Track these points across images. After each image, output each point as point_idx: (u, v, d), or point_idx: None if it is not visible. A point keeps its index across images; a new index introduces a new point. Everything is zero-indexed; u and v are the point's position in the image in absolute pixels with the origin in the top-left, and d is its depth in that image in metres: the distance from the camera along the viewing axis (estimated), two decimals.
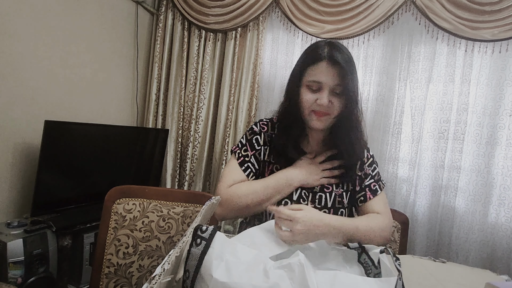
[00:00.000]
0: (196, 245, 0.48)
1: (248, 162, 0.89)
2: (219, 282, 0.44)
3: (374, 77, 1.92)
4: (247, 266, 0.47)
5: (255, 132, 0.92)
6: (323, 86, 0.78)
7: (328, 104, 0.78)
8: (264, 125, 0.93)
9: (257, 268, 0.47)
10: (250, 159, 0.89)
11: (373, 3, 1.81)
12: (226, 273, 0.45)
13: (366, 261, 0.60)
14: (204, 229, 0.50)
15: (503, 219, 1.67)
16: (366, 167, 0.91)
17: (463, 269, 0.82)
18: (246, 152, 0.90)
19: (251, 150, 0.90)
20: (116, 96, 2.06)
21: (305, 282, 0.44)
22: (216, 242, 0.49)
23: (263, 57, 2.09)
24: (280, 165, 0.89)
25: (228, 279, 0.44)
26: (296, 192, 0.86)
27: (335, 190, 0.88)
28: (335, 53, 0.78)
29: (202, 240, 0.49)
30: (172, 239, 1.01)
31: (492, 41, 1.64)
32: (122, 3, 2.01)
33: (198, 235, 0.50)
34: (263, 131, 0.92)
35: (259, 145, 0.91)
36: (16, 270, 1.23)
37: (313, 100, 0.80)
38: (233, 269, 0.45)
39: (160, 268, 0.41)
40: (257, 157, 0.90)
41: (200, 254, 0.47)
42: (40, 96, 1.55)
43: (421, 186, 1.84)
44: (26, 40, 1.46)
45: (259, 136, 0.91)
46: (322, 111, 0.80)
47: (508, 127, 1.68)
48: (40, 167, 1.39)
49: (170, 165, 2.21)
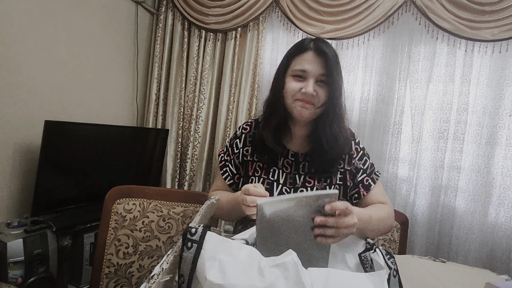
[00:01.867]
0: (187, 249, 0.48)
1: (227, 166, 0.94)
2: (214, 284, 0.43)
3: (374, 77, 1.92)
4: (242, 265, 0.46)
5: (236, 136, 0.95)
6: (309, 75, 0.80)
7: (313, 93, 0.79)
8: (247, 126, 0.95)
9: (251, 267, 0.46)
10: (229, 163, 0.94)
11: (373, 3, 1.81)
12: (220, 274, 0.45)
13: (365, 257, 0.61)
14: (194, 231, 0.49)
15: (502, 219, 1.67)
16: (356, 161, 0.90)
17: (463, 269, 0.82)
18: (227, 156, 0.95)
19: (232, 154, 0.94)
20: (116, 96, 2.06)
21: (299, 281, 0.44)
22: (208, 242, 0.48)
23: (263, 57, 2.09)
24: (262, 162, 0.89)
25: (223, 281, 0.44)
26: (277, 189, 0.87)
27: (317, 184, 0.87)
28: (321, 44, 0.80)
29: (193, 243, 0.48)
30: (172, 239, 1.01)
31: (492, 41, 1.64)
32: (122, 3, 2.01)
33: (188, 238, 0.49)
34: (244, 132, 0.94)
35: (238, 148, 0.93)
36: (16, 270, 1.23)
37: (298, 88, 0.80)
38: (228, 270, 0.45)
39: (158, 267, 0.41)
40: (235, 161, 0.94)
41: (192, 257, 0.47)
42: (40, 96, 1.55)
43: (421, 186, 1.84)
44: (26, 40, 1.46)
45: (238, 140, 0.94)
46: (306, 99, 0.80)
47: (508, 127, 1.68)
48: (40, 167, 1.39)
49: (170, 165, 2.21)
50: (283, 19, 2.01)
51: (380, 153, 1.90)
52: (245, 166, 0.93)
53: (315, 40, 0.83)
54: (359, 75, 1.95)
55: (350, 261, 0.62)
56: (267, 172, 0.88)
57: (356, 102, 1.95)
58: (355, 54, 1.94)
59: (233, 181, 0.94)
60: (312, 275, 0.46)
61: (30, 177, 1.49)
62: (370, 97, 1.93)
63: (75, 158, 1.57)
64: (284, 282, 0.44)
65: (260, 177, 0.88)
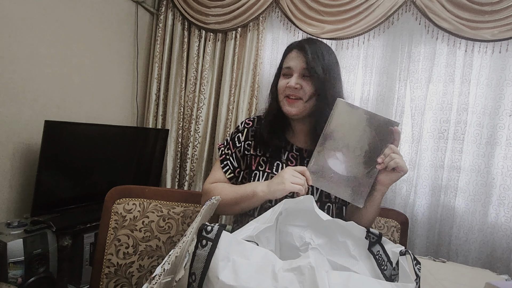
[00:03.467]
0: (202, 247, 0.46)
1: (227, 160, 0.94)
2: (226, 285, 0.42)
3: (374, 77, 1.92)
4: (255, 267, 0.45)
5: (238, 130, 0.97)
6: (293, 71, 0.85)
7: (297, 86, 0.83)
8: (249, 121, 0.97)
9: (265, 270, 0.44)
10: (230, 157, 0.94)
11: (373, 3, 1.80)
12: (233, 275, 0.43)
13: (379, 254, 0.59)
14: (209, 229, 0.48)
15: (502, 219, 1.67)
16: None
17: (463, 269, 0.82)
18: (228, 150, 0.95)
19: (233, 147, 0.95)
20: (116, 96, 2.06)
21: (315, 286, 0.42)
22: (222, 242, 0.47)
23: (263, 57, 2.09)
24: (266, 156, 0.91)
25: (236, 282, 0.42)
26: None
27: None
28: (304, 43, 0.86)
29: (208, 241, 0.46)
30: (172, 239, 1.01)
31: (492, 41, 1.64)
32: (122, 3, 2.01)
33: (203, 235, 0.47)
34: (247, 127, 0.96)
35: (240, 142, 0.94)
36: (16, 270, 1.23)
37: (285, 84, 0.86)
38: (241, 271, 0.44)
39: (160, 268, 0.41)
40: (237, 154, 0.94)
41: (206, 256, 0.45)
42: (40, 96, 1.55)
43: (421, 186, 1.84)
44: (26, 40, 1.46)
45: (240, 134, 0.95)
46: (293, 94, 0.85)
47: (508, 127, 1.68)
48: (40, 167, 1.39)
49: (170, 165, 2.21)
50: (283, 19, 2.01)
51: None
52: (246, 160, 0.93)
53: (304, 40, 0.89)
54: (359, 75, 1.95)
55: (352, 249, 0.61)
56: (271, 166, 0.89)
57: (356, 102, 1.95)
58: (355, 54, 1.94)
59: (233, 175, 0.94)
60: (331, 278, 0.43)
61: (30, 177, 1.49)
62: (370, 97, 1.93)
63: (75, 158, 1.57)
64: (299, 286, 0.42)
65: (264, 172, 0.89)
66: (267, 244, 0.59)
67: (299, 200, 0.63)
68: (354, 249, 0.61)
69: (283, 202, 0.63)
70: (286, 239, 0.64)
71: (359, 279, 0.45)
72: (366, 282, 0.45)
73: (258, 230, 0.56)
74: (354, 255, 0.61)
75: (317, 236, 0.64)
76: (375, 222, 1.19)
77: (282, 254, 0.64)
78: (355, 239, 0.62)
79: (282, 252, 0.64)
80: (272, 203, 0.84)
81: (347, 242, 0.62)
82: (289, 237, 0.64)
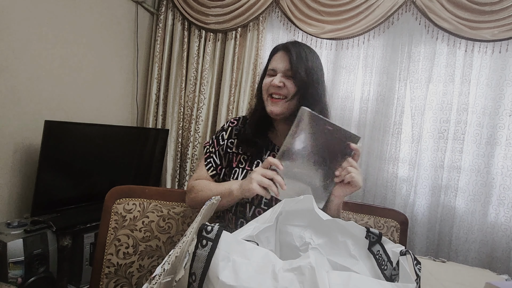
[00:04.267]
0: (202, 247, 0.46)
1: (211, 157, 0.97)
2: (226, 285, 0.42)
3: (374, 77, 1.92)
4: (255, 268, 0.45)
5: (223, 129, 0.99)
6: (277, 72, 0.88)
7: (280, 84, 0.86)
8: (234, 120, 1.00)
9: (265, 270, 0.44)
10: (214, 154, 0.97)
11: (373, 3, 1.81)
12: (233, 275, 0.43)
13: (380, 254, 0.59)
14: (209, 229, 0.48)
15: (502, 219, 1.67)
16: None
17: (463, 269, 0.82)
18: (212, 148, 0.98)
19: (217, 145, 0.98)
20: (116, 96, 2.06)
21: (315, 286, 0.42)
22: (223, 242, 0.47)
23: (263, 57, 2.09)
24: (247, 155, 0.93)
25: (236, 282, 0.42)
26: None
27: None
28: (290, 45, 0.89)
29: (208, 241, 0.46)
30: (172, 239, 1.01)
31: (492, 41, 1.64)
32: (122, 3, 2.01)
33: (204, 235, 0.47)
34: (231, 125, 0.98)
35: (223, 140, 0.97)
36: (16, 270, 1.24)
37: (269, 82, 0.88)
38: (241, 271, 0.44)
39: (160, 268, 0.41)
40: (220, 152, 0.97)
41: (206, 256, 0.45)
42: (40, 96, 1.55)
43: (421, 186, 1.84)
44: (26, 40, 1.46)
45: (225, 132, 0.98)
46: (276, 93, 0.87)
47: (508, 127, 1.68)
48: (40, 167, 1.39)
49: (170, 165, 2.21)
50: (283, 19, 2.01)
51: (380, 153, 1.90)
52: (228, 158, 0.95)
53: (288, 42, 0.92)
54: (359, 75, 1.95)
55: (352, 248, 0.61)
56: (251, 164, 0.91)
57: (356, 102, 1.95)
58: (355, 54, 1.94)
59: (215, 172, 0.96)
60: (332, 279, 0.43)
61: (30, 177, 1.49)
62: (370, 97, 1.93)
63: (75, 158, 1.57)
64: (299, 286, 0.42)
65: (244, 169, 0.91)
66: (267, 244, 0.59)
67: (298, 200, 0.63)
68: (354, 249, 0.61)
69: (283, 202, 0.63)
70: (286, 239, 0.64)
71: (360, 279, 0.45)
72: (367, 282, 0.45)
73: (258, 230, 0.56)
74: (354, 255, 0.61)
75: (317, 236, 0.64)
76: (375, 222, 1.19)
77: (282, 254, 0.64)
78: (355, 239, 0.62)
79: (282, 252, 0.64)
80: (249, 199, 0.86)
81: (347, 241, 0.62)
82: (289, 237, 0.64)
